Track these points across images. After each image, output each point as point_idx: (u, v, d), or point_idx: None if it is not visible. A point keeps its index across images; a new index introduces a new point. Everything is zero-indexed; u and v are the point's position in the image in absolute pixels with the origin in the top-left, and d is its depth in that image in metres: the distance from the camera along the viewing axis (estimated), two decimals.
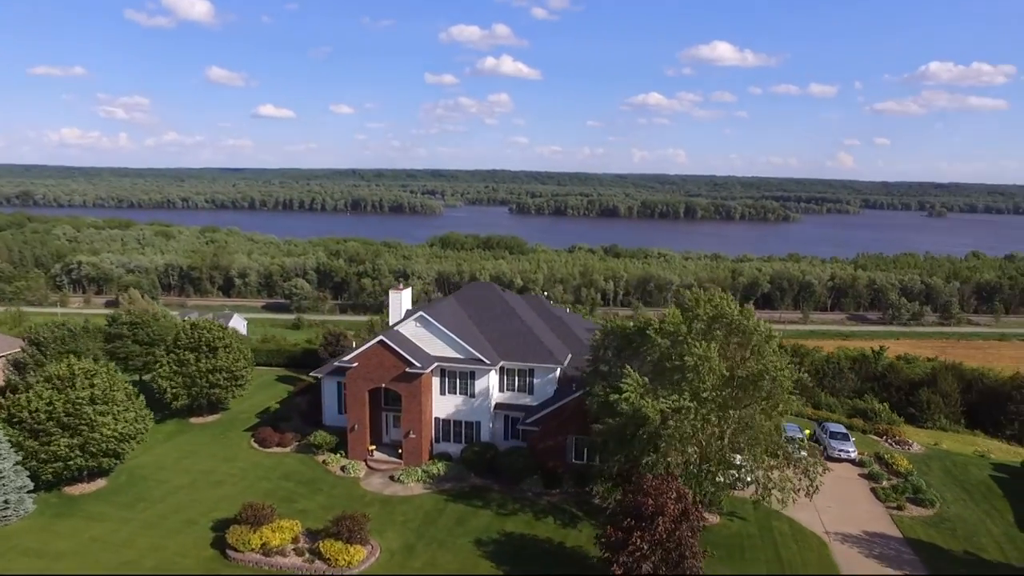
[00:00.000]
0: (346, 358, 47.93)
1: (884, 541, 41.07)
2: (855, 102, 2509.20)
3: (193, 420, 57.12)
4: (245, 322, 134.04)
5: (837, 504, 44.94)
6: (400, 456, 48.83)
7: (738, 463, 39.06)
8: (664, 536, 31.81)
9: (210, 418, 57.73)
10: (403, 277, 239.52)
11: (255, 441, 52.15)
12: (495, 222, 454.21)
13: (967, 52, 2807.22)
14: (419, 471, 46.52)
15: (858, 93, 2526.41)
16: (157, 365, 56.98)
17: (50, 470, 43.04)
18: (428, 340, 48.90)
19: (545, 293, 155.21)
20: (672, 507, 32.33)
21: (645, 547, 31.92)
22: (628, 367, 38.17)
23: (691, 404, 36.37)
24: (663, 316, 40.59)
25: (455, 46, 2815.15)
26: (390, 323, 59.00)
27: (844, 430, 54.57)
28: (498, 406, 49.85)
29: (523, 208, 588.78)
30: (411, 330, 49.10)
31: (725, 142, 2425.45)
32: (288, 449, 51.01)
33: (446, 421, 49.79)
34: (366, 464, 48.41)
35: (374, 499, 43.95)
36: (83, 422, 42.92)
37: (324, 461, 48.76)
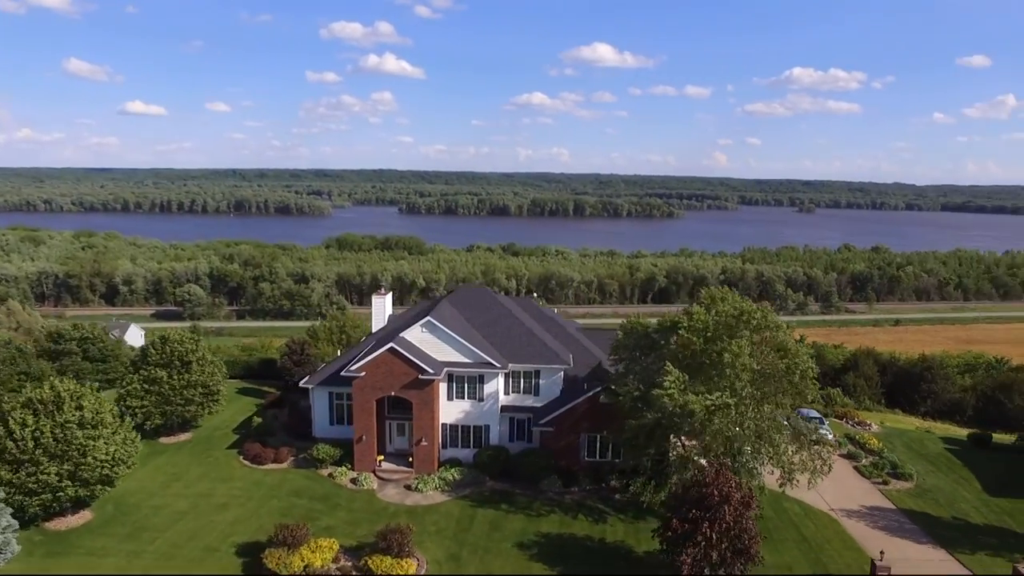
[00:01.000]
0: (353, 367, 46.38)
1: (882, 513, 44.45)
2: (727, 103, 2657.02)
3: (164, 440, 53.30)
4: (143, 332, 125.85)
5: (831, 484, 47.79)
6: (411, 464, 47.81)
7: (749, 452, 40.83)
8: (732, 523, 33.17)
9: (182, 437, 54.11)
10: (302, 281, 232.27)
11: (245, 459, 49.45)
12: (386, 222, 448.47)
13: (825, 59, 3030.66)
14: (435, 479, 45.76)
15: (730, 95, 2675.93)
16: (122, 383, 52.91)
17: (37, 503, 39.20)
18: (435, 345, 48.13)
19: (535, 295, 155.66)
20: (736, 495, 33.75)
21: (714, 536, 33.14)
22: (668, 364, 39.23)
23: (732, 400, 37.97)
24: (689, 314, 41.88)
25: (337, 43, 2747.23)
26: (373, 329, 57.72)
27: (818, 414, 58.25)
28: (503, 408, 49.74)
29: (413, 208, 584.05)
30: (417, 336, 48.13)
31: (607, 141, 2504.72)
32: (285, 465, 48.75)
33: (453, 427, 49.21)
34: (375, 475, 47.06)
35: (398, 510, 42.89)
36: (73, 447, 39.35)
37: (331, 475, 47.01)
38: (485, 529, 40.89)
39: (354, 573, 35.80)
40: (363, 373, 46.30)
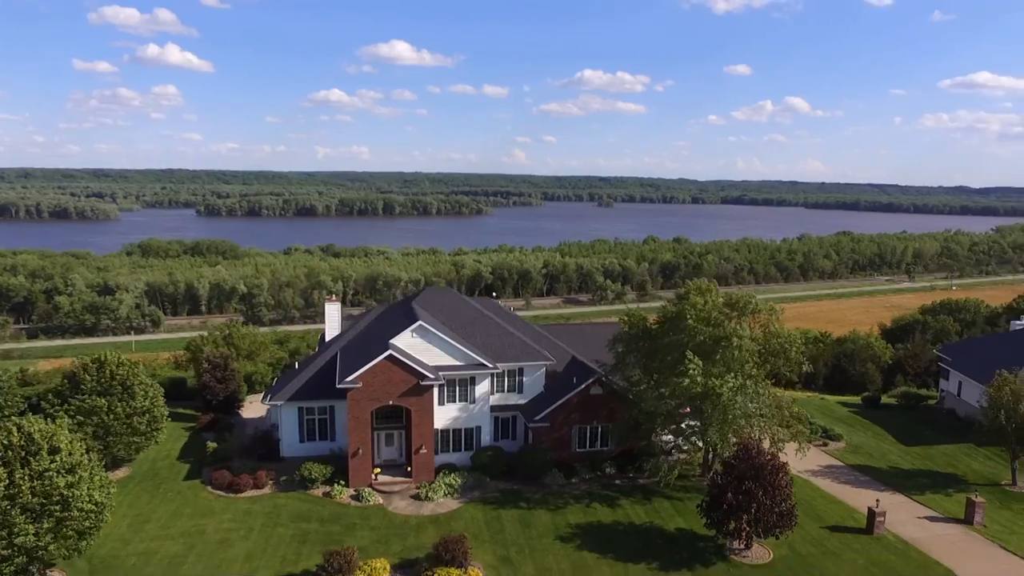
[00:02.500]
0: (349, 378, 43.87)
1: (838, 470, 50.48)
2: (525, 103, 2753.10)
3: None
4: None
5: (787, 450, 53.43)
6: (408, 474, 46.27)
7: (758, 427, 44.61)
8: (783, 486, 36.47)
9: (120, 473, 47.85)
10: (107, 292, 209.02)
11: (216, 488, 44.98)
12: (186, 226, 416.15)
13: (613, 62, 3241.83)
14: (443, 485, 44.74)
15: (527, 95, 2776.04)
16: (45, 416, 45.59)
17: (10, 570, 33.29)
18: (425, 350, 46.90)
19: (494, 294, 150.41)
20: (778, 463, 37.09)
21: (768, 501, 36.18)
22: (689, 353, 41.67)
23: (750, 381, 41.31)
24: (693, 305, 44.54)
25: (109, 29, 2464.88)
26: (326, 338, 54.82)
27: None
28: (491, 408, 49.64)
29: (213, 210, 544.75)
30: (407, 341, 46.58)
31: (408, 139, 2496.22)
32: (268, 490, 45.02)
33: (444, 431, 48.24)
34: (373, 489, 44.96)
35: (421, 521, 41.51)
36: (54, 499, 33.83)
37: (326, 494, 44.23)
38: (518, 528, 40.89)
39: None
40: (359, 384, 44.02)
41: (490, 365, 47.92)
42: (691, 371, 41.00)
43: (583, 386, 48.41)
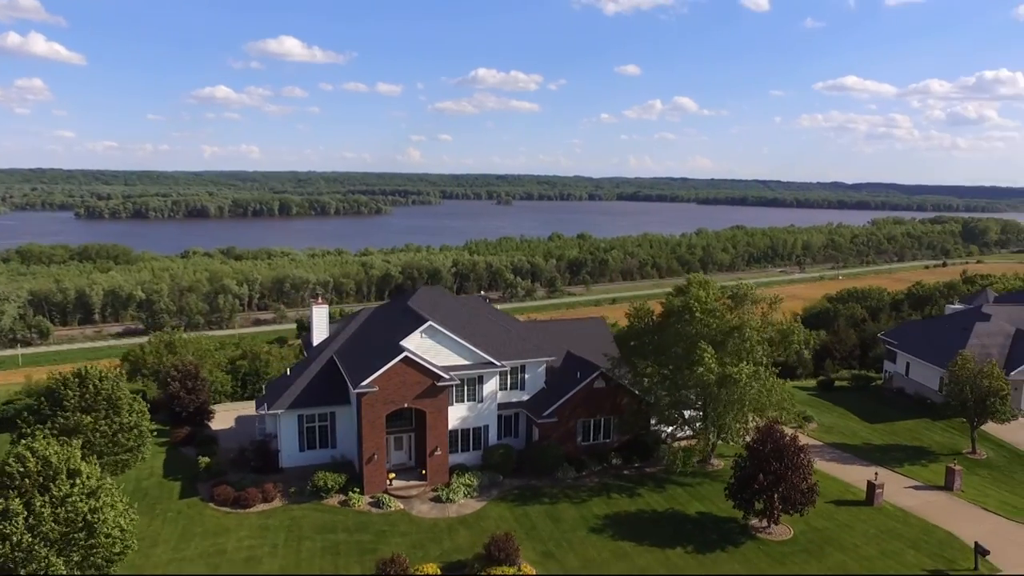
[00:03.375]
0: (365, 382, 42.74)
1: (821, 449, 53.56)
2: (419, 101, 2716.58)
3: None
4: None
5: None
6: (423, 477, 45.61)
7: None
8: (806, 464, 38.65)
9: None
10: None
11: (221, 505, 42.74)
12: (66, 230, 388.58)
13: (507, 61, 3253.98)
14: (462, 486, 44.40)
15: (420, 93, 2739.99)
16: (21, 436, 41.99)
17: None
18: (434, 350, 46.34)
19: (482, 293, 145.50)
20: (799, 443, 39.30)
21: (795, 479, 38.27)
22: (703, 344, 43.26)
23: (760, 368, 43.40)
24: (699, 298, 46.17)
25: None
26: (314, 341, 53.13)
27: None
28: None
29: (94, 212, 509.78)
30: (417, 342, 45.84)
31: (300, 138, 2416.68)
32: (278, 503, 43.19)
33: (453, 431, 47.75)
34: (389, 494, 44.03)
35: (452, 523, 41.10)
36: (78, 528, 31.43)
37: (343, 503, 42.94)
38: (548, 523, 41.22)
39: None
40: (375, 387, 43.00)
41: (498, 363, 47.93)
42: (706, 360, 42.66)
43: (588, 380, 49.21)
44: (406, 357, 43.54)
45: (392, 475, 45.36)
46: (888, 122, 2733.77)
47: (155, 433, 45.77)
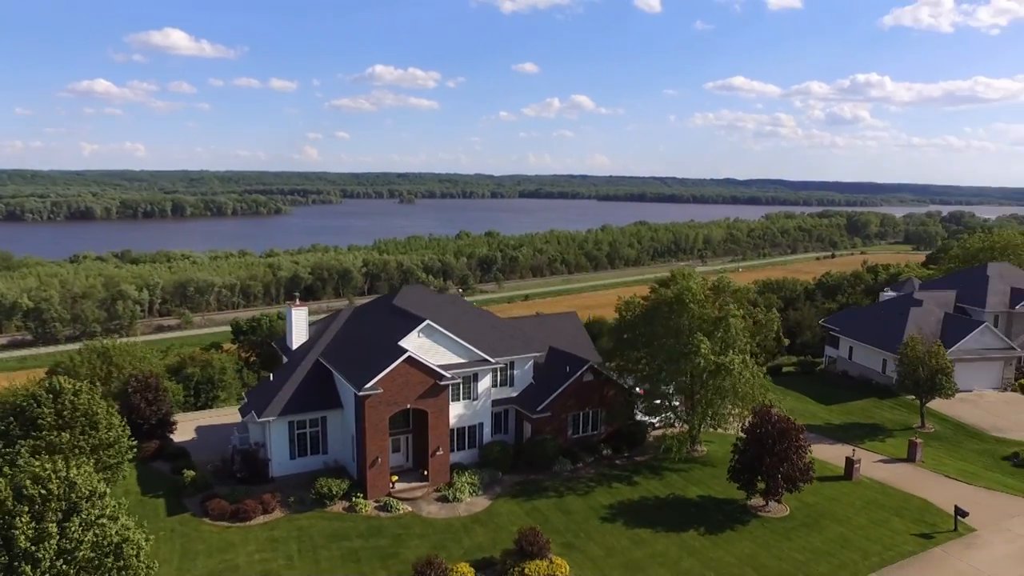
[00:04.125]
0: (369, 384, 41.83)
1: None
2: (315, 98, 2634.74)
3: None
4: None
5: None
6: (424, 478, 45.13)
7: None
8: (804, 444, 41.02)
9: None
10: None
11: (218, 520, 40.80)
12: None
13: (405, 58, 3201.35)
14: (466, 484, 44.24)
15: (316, 90, 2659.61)
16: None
17: None
18: (432, 350, 45.91)
19: (461, 290, 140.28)
20: (796, 424, 41.65)
21: (795, 458, 40.56)
22: (699, 335, 44.94)
23: (745, 357, 45.52)
24: (689, 289, 47.83)
25: None
26: (293, 344, 51.49)
27: None
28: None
29: None
30: (414, 342, 45.25)
31: (190, 135, 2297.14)
32: (279, 514, 41.65)
33: (449, 430, 47.42)
34: (393, 498, 43.33)
35: (463, 522, 40.96)
36: (106, 553, 29.52)
37: (349, 508, 41.95)
38: (559, 516, 41.76)
39: None
40: (380, 389, 42.21)
41: (492, 360, 48.03)
42: (702, 350, 44.42)
43: (578, 374, 50.06)
44: (409, 357, 42.96)
45: (395, 477, 44.65)
46: (774, 121, 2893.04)
47: (133, 449, 42.97)
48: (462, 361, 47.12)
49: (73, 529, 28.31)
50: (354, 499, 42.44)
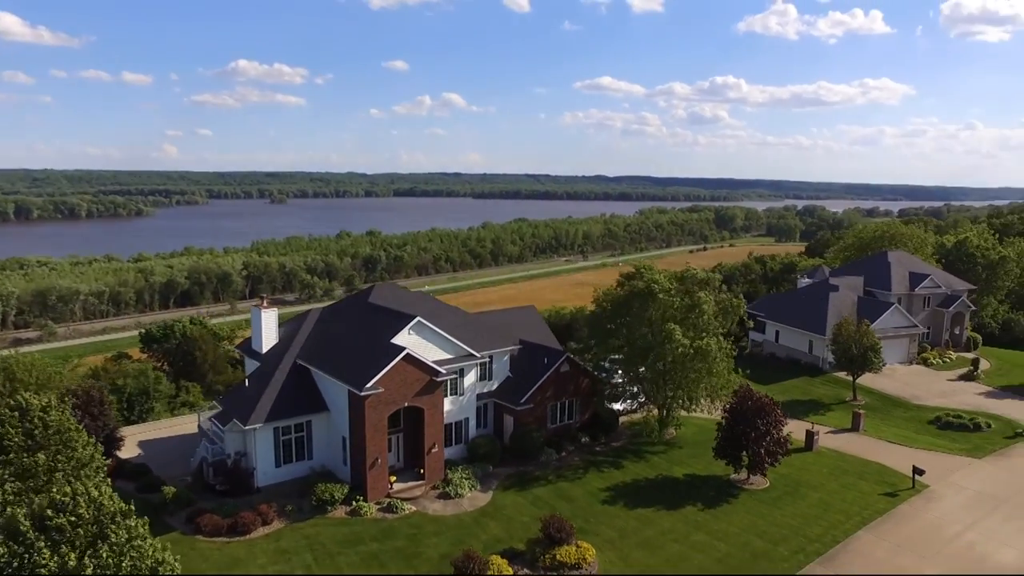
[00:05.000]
0: (369, 384, 40.90)
1: None
2: (173, 93, 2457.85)
3: None
4: None
5: None
6: (420, 476, 44.66)
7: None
8: (780, 418, 44.33)
9: None
10: None
11: (214, 536, 38.53)
12: None
13: (269, 53, 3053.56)
14: (465, 480, 44.24)
15: (175, 84, 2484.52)
16: None
17: None
18: (422, 346, 45.39)
19: (425, 288, 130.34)
20: (771, 400, 44.86)
21: (775, 431, 43.74)
22: (670, 324, 47.21)
23: (720, 340, 48.33)
24: (655, 282, 49.98)
25: None
26: (264, 347, 49.43)
27: None
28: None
29: None
30: (405, 340, 44.60)
31: (29, 130, 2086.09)
32: (278, 524, 39.86)
33: None
34: (393, 498, 42.64)
35: (473, 516, 41.03)
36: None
37: (354, 512, 40.89)
38: (563, 503, 42.68)
39: (542, 572, 34.97)
40: (381, 388, 41.41)
41: (478, 355, 48.19)
42: (676, 336, 46.86)
43: (556, 365, 51.14)
44: (407, 355, 42.41)
45: (393, 477, 43.91)
46: (640, 120, 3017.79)
47: (105, 467, 39.71)
48: (450, 357, 46.99)
49: (106, 555, 26.30)
50: (355, 503, 41.43)
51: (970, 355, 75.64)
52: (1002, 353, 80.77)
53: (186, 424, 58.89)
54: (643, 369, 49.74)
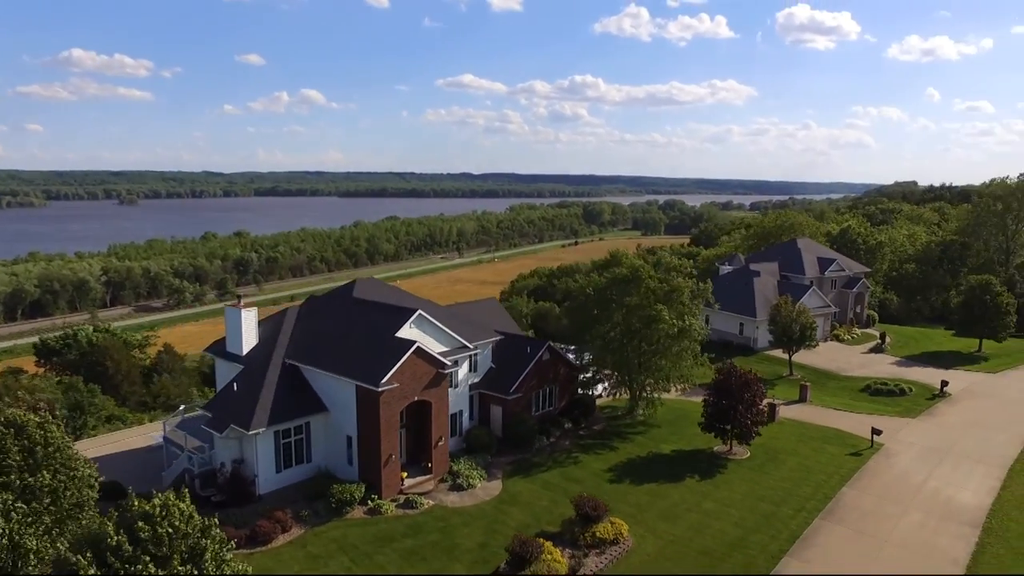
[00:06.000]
0: (384, 379, 40.12)
1: (698, 389, 63.99)
2: None
3: None
4: None
5: None
6: (427, 470, 44.30)
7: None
8: (762, 391, 47.89)
9: None
10: None
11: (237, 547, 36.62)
12: None
13: (108, 43, 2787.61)
14: (474, 471, 44.41)
15: None
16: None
17: None
18: (422, 339, 44.78)
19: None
20: (753, 374, 48.33)
21: (759, 403, 47.23)
22: (659, 305, 49.65)
23: (699, 320, 51.42)
24: (637, 267, 52.27)
25: None
26: (243, 349, 47.11)
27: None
28: None
29: None
30: (407, 333, 43.99)
31: None
32: (298, 531, 38.34)
33: None
34: (405, 494, 42.14)
35: (494, 505, 41.39)
36: None
37: (374, 510, 40.04)
38: (573, 485, 43.71)
39: (583, 549, 36.06)
40: (396, 383, 40.78)
41: (471, 347, 48.36)
42: (665, 317, 49.49)
43: (540, 354, 52.22)
44: (418, 348, 42.00)
45: (404, 473, 43.30)
46: (502, 117, 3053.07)
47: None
48: (446, 350, 46.79)
49: (211, 569, 24.85)
50: (371, 502, 40.59)
51: (872, 331, 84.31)
52: (896, 328, 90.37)
53: (130, 438, 54.97)
54: (628, 352, 51.90)
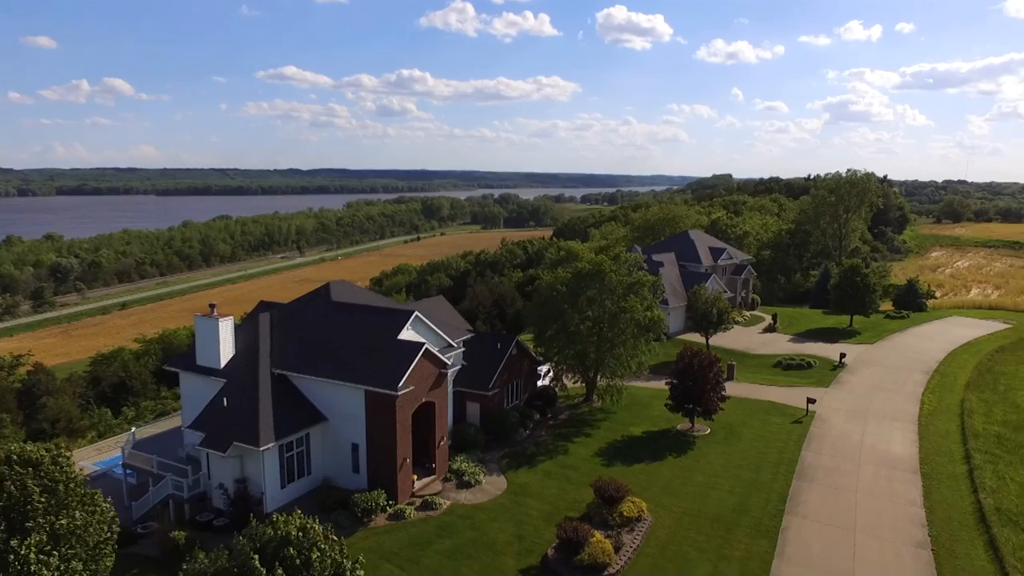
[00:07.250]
0: (400, 383, 39.73)
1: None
2: None
3: None
4: None
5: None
6: (432, 471, 44.33)
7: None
8: (721, 371, 52.45)
9: None
10: None
11: None
12: None
13: None
14: (477, 468, 45.06)
15: None
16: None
17: None
18: (418, 341, 44.85)
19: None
20: (712, 355, 52.84)
21: (721, 380, 51.78)
22: (632, 296, 52.62)
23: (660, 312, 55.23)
24: (598, 263, 54.90)
25: None
26: (220, 361, 44.60)
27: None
28: None
29: None
30: (406, 336, 43.70)
31: None
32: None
33: None
34: (419, 497, 42.06)
35: (510, 499, 42.27)
36: None
37: (395, 516, 39.64)
38: (572, 472, 45.84)
39: (615, 530, 38.24)
40: (411, 386, 40.56)
41: (456, 345, 48.75)
42: (637, 308, 52.72)
43: (510, 349, 53.56)
44: (426, 350, 41.97)
45: (415, 476, 43.03)
46: (329, 111, 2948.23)
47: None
48: (436, 350, 46.89)
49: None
50: (391, 507, 40.20)
51: (759, 313, 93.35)
52: (778, 309, 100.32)
53: None
54: (588, 343, 54.62)
